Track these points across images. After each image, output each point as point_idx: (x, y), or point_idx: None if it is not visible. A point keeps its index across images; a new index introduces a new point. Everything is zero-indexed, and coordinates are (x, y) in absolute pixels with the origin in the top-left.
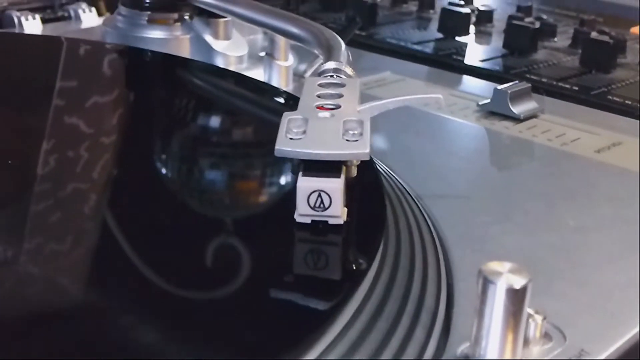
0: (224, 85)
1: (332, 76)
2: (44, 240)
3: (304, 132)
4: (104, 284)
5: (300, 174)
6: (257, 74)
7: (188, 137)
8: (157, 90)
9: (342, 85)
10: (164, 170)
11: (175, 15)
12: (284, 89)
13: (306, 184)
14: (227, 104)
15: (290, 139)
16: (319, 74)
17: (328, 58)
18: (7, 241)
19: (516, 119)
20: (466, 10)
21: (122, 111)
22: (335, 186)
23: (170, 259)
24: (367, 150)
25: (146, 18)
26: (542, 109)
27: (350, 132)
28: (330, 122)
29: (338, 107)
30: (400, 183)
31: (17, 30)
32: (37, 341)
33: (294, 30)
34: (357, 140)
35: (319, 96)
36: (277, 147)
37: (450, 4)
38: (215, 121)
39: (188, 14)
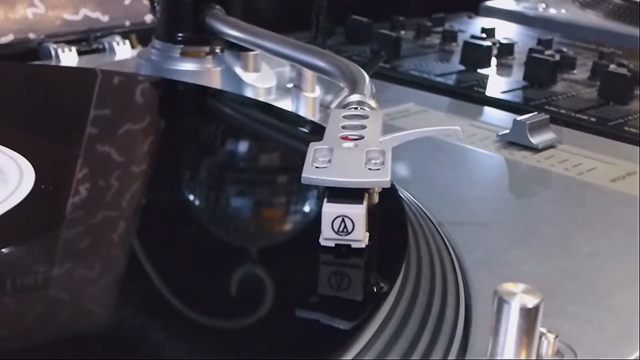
0: (253, 115)
1: (356, 108)
2: (74, 266)
3: (329, 161)
4: (133, 310)
5: (325, 200)
6: (285, 104)
7: (218, 165)
8: (189, 120)
9: (365, 117)
10: (194, 197)
11: (207, 49)
12: (311, 119)
13: (331, 210)
14: (256, 133)
15: (316, 167)
16: (344, 106)
17: (353, 91)
18: (39, 266)
19: (534, 149)
20: (487, 43)
21: (154, 140)
22: (358, 212)
23: (202, 281)
24: (388, 179)
25: (179, 51)
26: (560, 140)
27: (373, 161)
28: (353, 152)
29: (361, 137)
30: (422, 210)
31: (53, 62)
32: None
33: (321, 64)
34: (378, 169)
35: (343, 127)
36: (303, 175)
37: (473, 37)
38: (244, 150)
39: (219, 47)
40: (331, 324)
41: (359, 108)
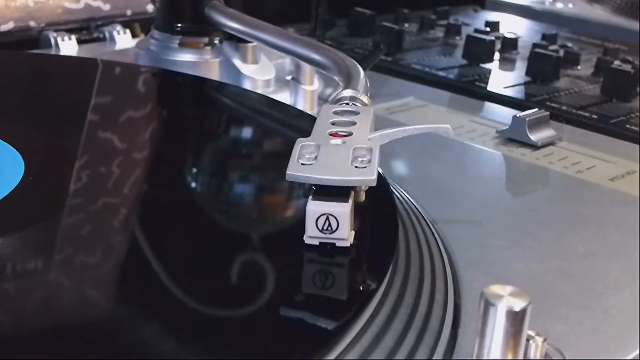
0: (247, 108)
1: (348, 104)
2: (74, 252)
3: (316, 157)
4: (130, 295)
5: (310, 197)
6: (283, 97)
7: (205, 159)
8: (183, 113)
9: (356, 113)
10: (181, 194)
11: (206, 40)
12: (309, 112)
13: (315, 208)
14: (247, 126)
15: (302, 164)
16: (336, 101)
17: (347, 85)
18: (39, 252)
19: (534, 146)
20: (491, 37)
21: (147, 132)
22: (343, 210)
23: (182, 279)
24: (374, 177)
25: (177, 42)
26: (560, 137)
27: (359, 159)
28: (341, 149)
29: (350, 134)
30: (416, 207)
31: (53, 51)
32: (66, 351)
33: (316, 57)
34: (365, 167)
35: (332, 123)
36: (288, 171)
37: (476, 31)
38: (232, 144)
39: (218, 38)
40: (313, 323)
41: (350, 104)
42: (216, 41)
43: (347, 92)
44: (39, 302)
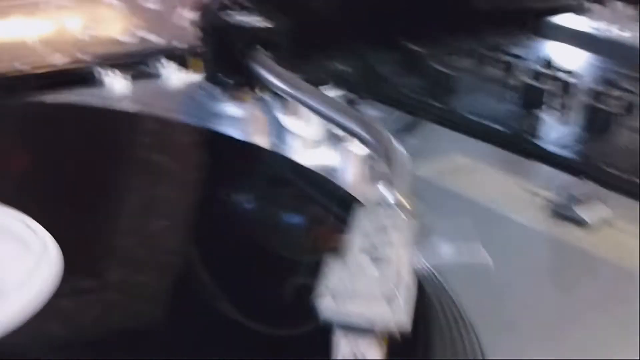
0: (285, 177)
1: (387, 207)
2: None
3: (346, 287)
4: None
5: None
6: (330, 156)
7: (237, 239)
8: (226, 183)
9: (395, 228)
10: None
11: (254, 93)
12: (353, 176)
13: (342, 346)
14: (271, 205)
15: (331, 295)
16: (375, 203)
17: (389, 176)
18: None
19: (584, 224)
20: (546, 86)
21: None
22: (372, 352)
23: None
24: (406, 325)
25: (225, 93)
26: (614, 214)
27: (393, 295)
28: (373, 280)
29: (388, 259)
30: (454, 301)
31: (103, 87)
32: None
33: (358, 131)
34: (398, 308)
35: (368, 239)
36: (319, 305)
37: (534, 73)
38: (256, 226)
39: (266, 93)
40: None
41: (390, 209)
42: (264, 96)
43: (389, 197)
44: None
